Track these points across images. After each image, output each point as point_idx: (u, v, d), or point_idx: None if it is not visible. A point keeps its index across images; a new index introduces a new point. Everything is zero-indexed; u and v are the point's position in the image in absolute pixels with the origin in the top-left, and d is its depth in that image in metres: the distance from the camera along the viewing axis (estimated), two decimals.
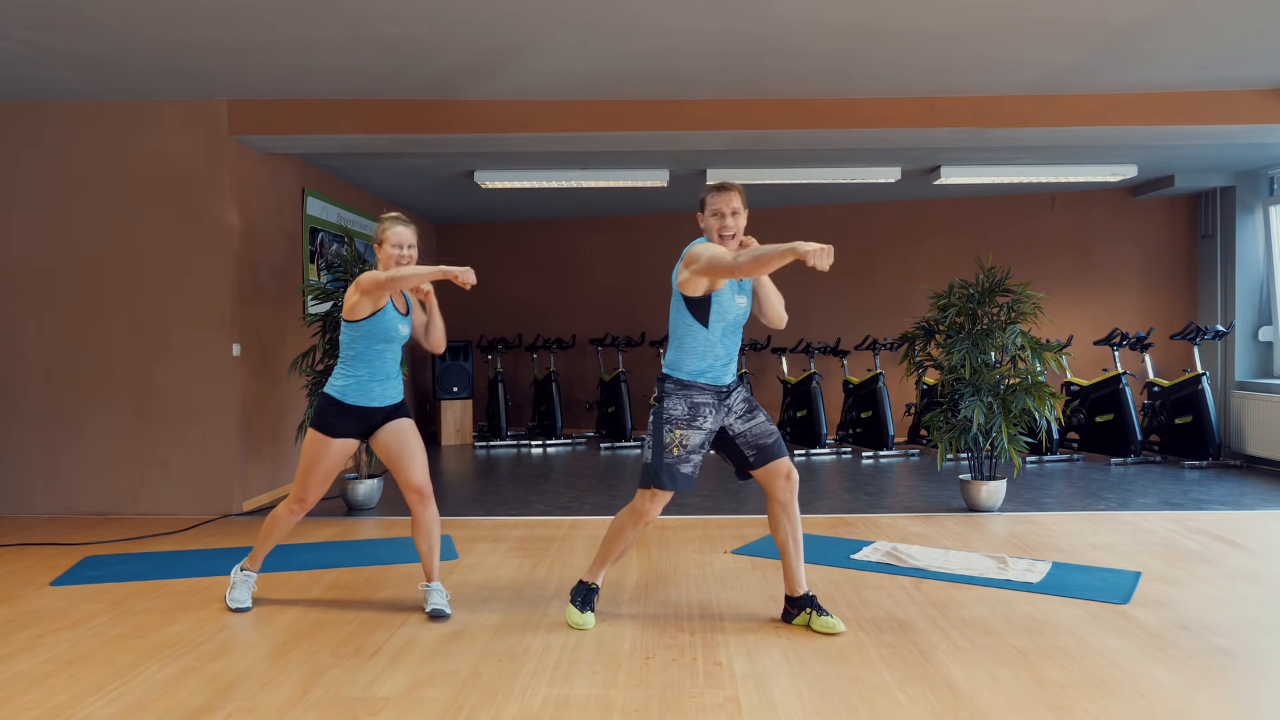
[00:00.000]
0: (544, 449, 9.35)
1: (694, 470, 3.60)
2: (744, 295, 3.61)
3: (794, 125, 6.02)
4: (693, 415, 3.56)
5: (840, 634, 3.59)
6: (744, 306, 3.61)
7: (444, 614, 3.83)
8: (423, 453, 3.93)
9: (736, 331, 3.62)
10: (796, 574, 3.70)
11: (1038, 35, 4.85)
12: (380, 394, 3.86)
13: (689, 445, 3.56)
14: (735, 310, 3.57)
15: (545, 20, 4.58)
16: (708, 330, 3.55)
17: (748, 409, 3.67)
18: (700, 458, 3.62)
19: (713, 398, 3.59)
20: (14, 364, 6.05)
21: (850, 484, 7.14)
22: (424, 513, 3.90)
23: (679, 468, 3.57)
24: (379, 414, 3.88)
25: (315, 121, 5.99)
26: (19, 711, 2.96)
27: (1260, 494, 6.55)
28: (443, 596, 3.90)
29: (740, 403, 3.67)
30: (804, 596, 3.70)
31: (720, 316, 3.54)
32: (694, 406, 3.56)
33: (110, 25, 4.59)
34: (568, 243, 10.52)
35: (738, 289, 3.59)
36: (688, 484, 3.60)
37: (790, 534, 3.68)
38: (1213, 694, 3.02)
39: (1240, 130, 6.08)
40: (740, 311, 3.60)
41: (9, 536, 5.46)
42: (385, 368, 3.87)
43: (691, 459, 3.58)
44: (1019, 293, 6.00)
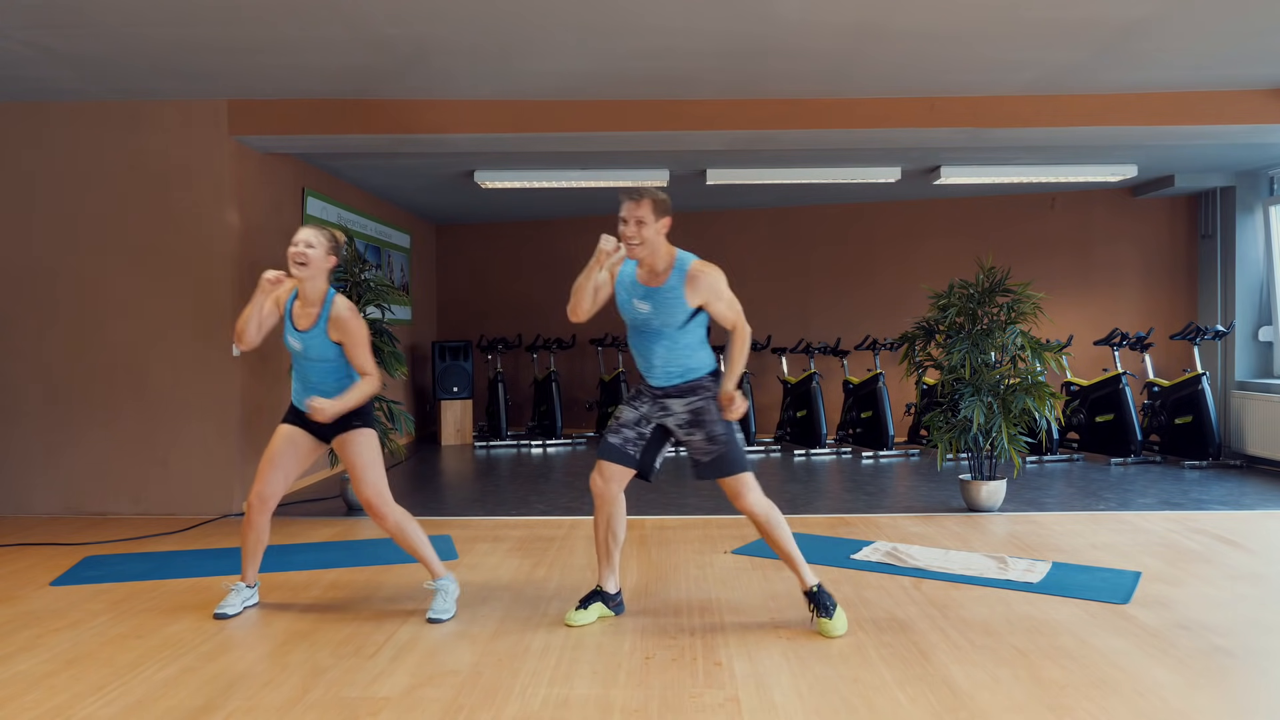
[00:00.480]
0: (544, 449, 9.35)
1: (621, 443, 3.68)
2: (646, 301, 3.58)
3: (794, 125, 6.02)
4: (633, 395, 3.76)
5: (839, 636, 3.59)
6: (644, 313, 3.58)
7: (440, 620, 3.80)
8: (366, 467, 3.80)
9: (641, 334, 3.62)
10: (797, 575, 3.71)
11: (1038, 35, 4.85)
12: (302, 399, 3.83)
13: (620, 418, 3.72)
14: (632, 313, 3.62)
15: (545, 20, 4.58)
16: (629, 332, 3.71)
17: (690, 424, 3.62)
18: (633, 435, 3.68)
19: (648, 392, 3.69)
20: (14, 364, 6.05)
21: (850, 484, 7.14)
22: (383, 525, 3.84)
23: (608, 436, 3.72)
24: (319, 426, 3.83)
25: (315, 121, 5.99)
26: (19, 711, 2.96)
27: (1260, 494, 6.55)
28: (444, 599, 3.86)
29: (685, 413, 3.62)
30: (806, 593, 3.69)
31: (621, 311, 3.69)
32: (636, 391, 3.75)
33: (110, 25, 4.59)
34: (568, 243, 10.50)
35: (638, 294, 3.59)
36: (609, 452, 3.69)
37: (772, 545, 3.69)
38: (1213, 694, 3.02)
39: (1240, 130, 6.08)
40: (640, 316, 3.59)
41: (9, 536, 5.46)
42: (299, 374, 3.83)
43: (622, 431, 3.69)
44: (1019, 293, 6.00)
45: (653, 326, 3.57)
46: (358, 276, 6.27)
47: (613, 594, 3.83)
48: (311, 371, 3.80)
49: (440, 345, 9.77)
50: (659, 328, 3.56)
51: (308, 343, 3.75)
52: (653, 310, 3.56)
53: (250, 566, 3.98)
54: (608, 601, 3.81)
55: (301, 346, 3.76)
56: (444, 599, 3.87)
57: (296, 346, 3.78)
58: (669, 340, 3.57)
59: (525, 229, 10.62)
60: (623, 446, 3.67)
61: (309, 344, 3.75)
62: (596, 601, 3.79)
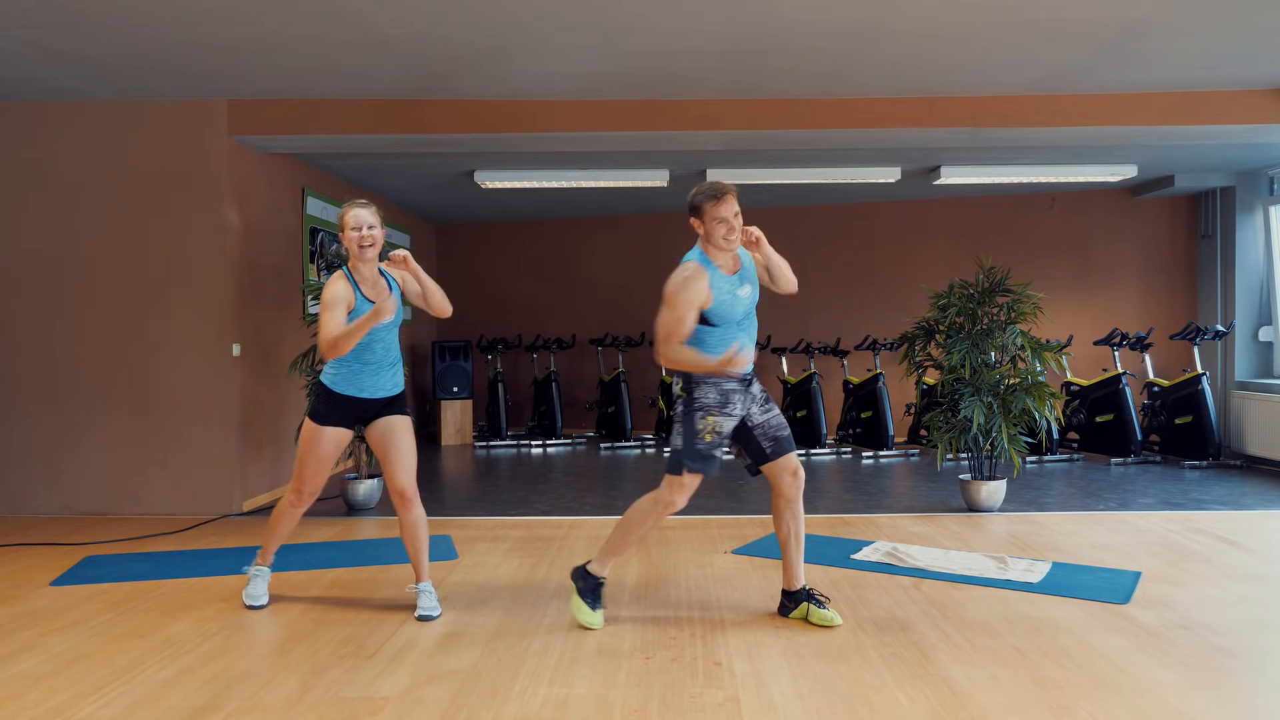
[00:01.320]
0: (544, 449, 9.35)
1: (722, 456, 3.69)
2: (748, 284, 3.66)
3: (794, 125, 6.02)
4: (724, 401, 3.63)
5: (837, 626, 3.65)
6: (749, 296, 3.66)
7: (430, 617, 3.82)
8: (411, 454, 3.88)
9: (749, 320, 3.68)
10: (795, 569, 3.76)
11: (1038, 35, 4.85)
12: (371, 385, 3.82)
13: (723, 432, 3.63)
14: (741, 305, 3.63)
15: (545, 20, 4.58)
16: (719, 329, 3.61)
17: (766, 399, 3.73)
18: (727, 444, 3.69)
19: (739, 385, 3.66)
20: (14, 363, 6.05)
21: (850, 484, 7.14)
22: (405, 514, 3.88)
23: (714, 452, 3.64)
24: (370, 406, 3.84)
25: (315, 121, 5.99)
26: (19, 711, 2.96)
27: (1260, 494, 6.55)
28: (431, 598, 3.89)
29: (760, 391, 3.73)
30: (801, 591, 3.76)
31: (725, 317, 3.58)
32: (724, 394, 3.63)
33: (110, 25, 4.59)
34: (568, 243, 10.52)
35: (738, 282, 3.62)
36: (720, 468, 3.68)
37: (793, 529, 3.74)
38: (1213, 694, 3.02)
39: (1240, 130, 6.08)
40: (747, 304, 3.66)
41: (9, 536, 5.46)
42: (374, 358, 3.80)
43: (725, 444, 3.68)
44: (1019, 293, 6.00)
45: (754, 305, 3.70)
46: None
47: None
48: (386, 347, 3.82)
49: (440, 345, 9.77)
50: (755, 304, 3.70)
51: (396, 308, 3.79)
52: (753, 290, 3.69)
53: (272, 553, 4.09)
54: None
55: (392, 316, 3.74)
56: (430, 598, 3.89)
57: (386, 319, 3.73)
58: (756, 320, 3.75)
59: (525, 229, 10.62)
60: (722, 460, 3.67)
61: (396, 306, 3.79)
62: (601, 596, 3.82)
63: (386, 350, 3.83)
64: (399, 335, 3.94)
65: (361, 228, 3.75)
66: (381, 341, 3.81)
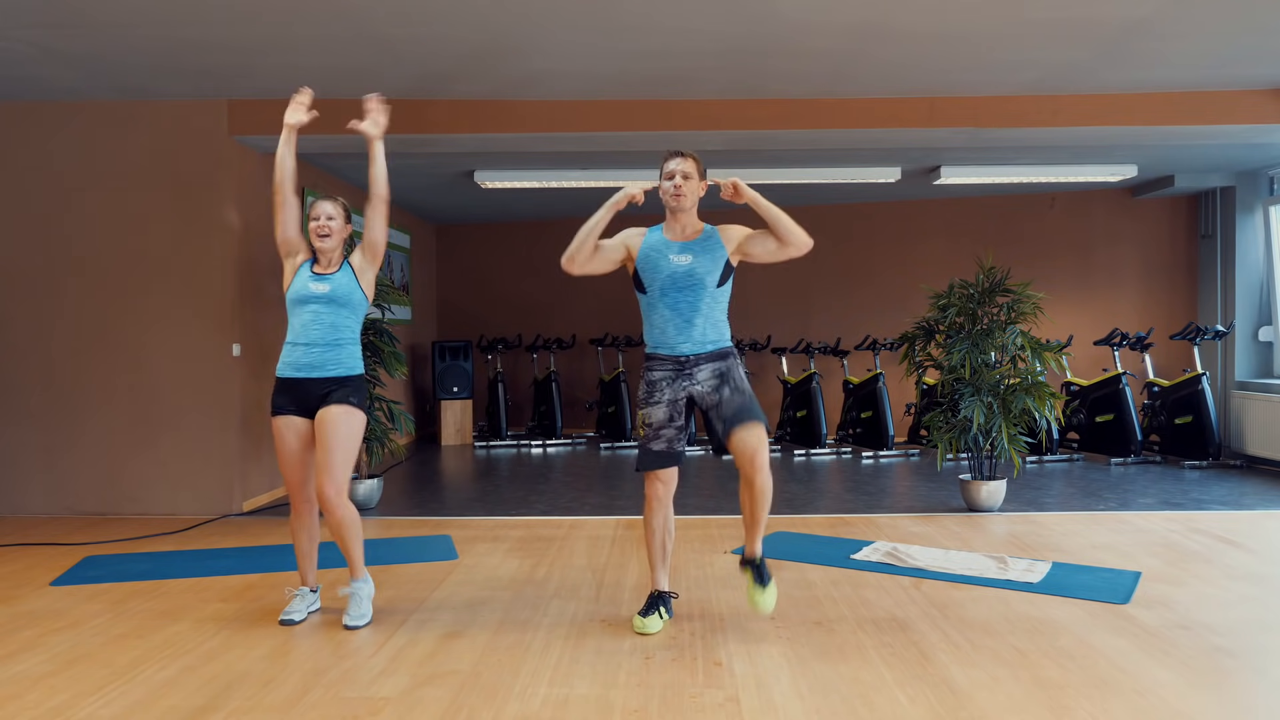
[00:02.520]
0: (544, 449, 9.35)
1: (667, 446, 3.62)
2: (687, 254, 3.59)
3: (794, 125, 6.02)
4: (649, 392, 3.65)
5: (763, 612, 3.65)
6: (684, 265, 3.57)
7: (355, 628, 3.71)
8: (339, 451, 3.69)
9: (680, 292, 3.57)
10: (749, 540, 3.69)
11: (1038, 35, 4.85)
12: (304, 362, 3.74)
13: (653, 423, 3.62)
14: (667, 269, 3.58)
15: (545, 20, 4.58)
16: (646, 295, 3.63)
17: (717, 384, 3.59)
18: (673, 431, 3.61)
19: (670, 368, 3.61)
20: (14, 364, 6.05)
21: (850, 484, 7.14)
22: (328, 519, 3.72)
23: (649, 445, 3.64)
24: (311, 388, 3.74)
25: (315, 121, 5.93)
26: (19, 711, 2.96)
27: (1260, 494, 6.55)
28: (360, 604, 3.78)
29: (711, 377, 3.59)
30: (750, 560, 3.69)
31: (649, 279, 3.60)
32: (650, 384, 3.65)
33: (110, 25, 4.59)
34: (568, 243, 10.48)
35: (679, 249, 3.60)
36: (658, 461, 3.63)
37: (748, 507, 3.63)
38: (1213, 694, 3.02)
39: (1240, 130, 6.08)
40: (679, 270, 3.57)
41: (9, 536, 5.46)
42: (305, 332, 3.75)
43: (661, 434, 3.62)
44: (1019, 293, 6.00)
45: (696, 278, 3.57)
46: None
47: (669, 594, 3.78)
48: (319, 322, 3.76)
49: (440, 345, 9.77)
50: (702, 278, 3.57)
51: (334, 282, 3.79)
52: (695, 260, 3.59)
53: (309, 568, 3.93)
54: (666, 604, 3.73)
55: (329, 288, 3.77)
56: (358, 604, 3.79)
57: (322, 289, 3.77)
58: (710, 300, 3.60)
59: (525, 229, 10.62)
60: (668, 450, 3.63)
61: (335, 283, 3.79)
62: (660, 605, 3.70)
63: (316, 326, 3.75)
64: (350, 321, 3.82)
65: (320, 217, 3.83)
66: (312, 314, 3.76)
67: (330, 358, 3.78)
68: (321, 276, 3.82)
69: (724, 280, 3.64)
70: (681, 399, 3.62)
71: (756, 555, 3.69)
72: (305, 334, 3.78)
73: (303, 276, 3.82)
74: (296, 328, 3.80)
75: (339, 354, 3.80)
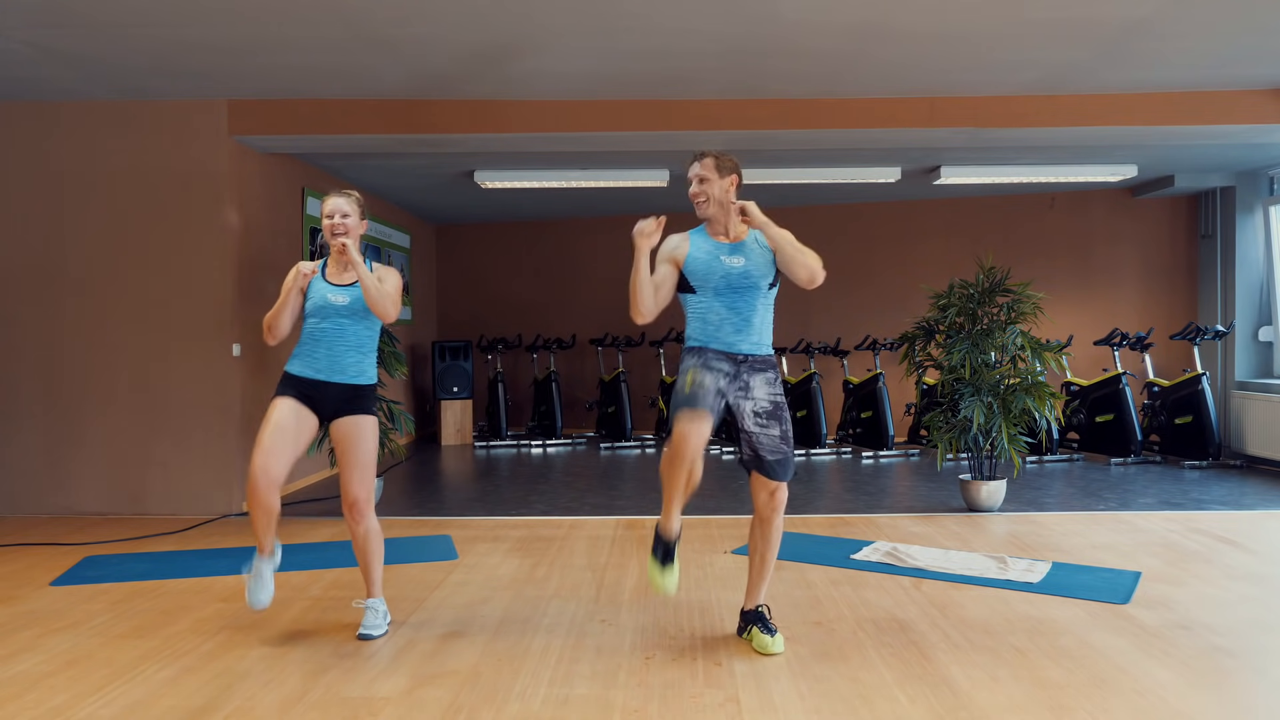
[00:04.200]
0: (544, 449, 9.34)
1: (708, 397, 3.32)
2: (739, 256, 3.47)
3: (794, 125, 6.02)
4: (704, 362, 3.41)
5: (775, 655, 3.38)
6: (739, 267, 3.45)
7: (370, 636, 3.60)
8: (367, 462, 3.64)
9: (733, 294, 3.43)
10: (753, 590, 3.55)
11: (1038, 35, 4.85)
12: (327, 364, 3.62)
13: (702, 382, 3.36)
14: (721, 270, 3.46)
15: (545, 20, 4.58)
16: (697, 295, 3.48)
17: (770, 414, 3.43)
18: (714, 398, 3.35)
19: (727, 364, 3.42)
20: (14, 364, 6.05)
21: (850, 484, 7.14)
22: (355, 527, 3.63)
23: (695, 392, 3.33)
24: (324, 391, 3.62)
25: (315, 121, 5.99)
26: (19, 711, 2.96)
27: (1260, 494, 6.55)
28: (376, 615, 3.66)
29: (767, 401, 3.44)
30: (752, 611, 3.53)
31: (702, 281, 3.46)
32: (705, 357, 3.42)
33: (110, 25, 4.59)
34: (568, 243, 10.52)
35: (729, 250, 3.48)
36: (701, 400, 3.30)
37: (759, 550, 3.51)
38: (1213, 694, 3.02)
39: (1240, 130, 6.08)
40: (731, 274, 3.45)
41: (9, 536, 5.46)
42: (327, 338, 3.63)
43: (706, 392, 3.33)
44: (1019, 293, 6.00)
45: (751, 280, 3.45)
46: None
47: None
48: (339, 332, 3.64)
49: (440, 345, 9.77)
50: (756, 280, 3.45)
51: (355, 293, 3.63)
52: (747, 261, 3.46)
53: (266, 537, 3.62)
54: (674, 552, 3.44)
55: (347, 300, 3.63)
56: (374, 615, 3.67)
57: (340, 300, 3.62)
58: (764, 301, 3.49)
59: (525, 229, 10.62)
60: (709, 399, 3.32)
61: (357, 294, 3.63)
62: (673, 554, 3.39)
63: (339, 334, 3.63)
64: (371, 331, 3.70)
65: (334, 215, 3.64)
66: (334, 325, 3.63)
67: (352, 364, 3.66)
68: (340, 287, 3.66)
69: (775, 283, 3.50)
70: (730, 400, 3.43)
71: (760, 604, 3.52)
72: (329, 340, 3.64)
73: (319, 288, 3.66)
74: (317, 334, 3.65)
75: (361, 362, 3.68)
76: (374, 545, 3.68)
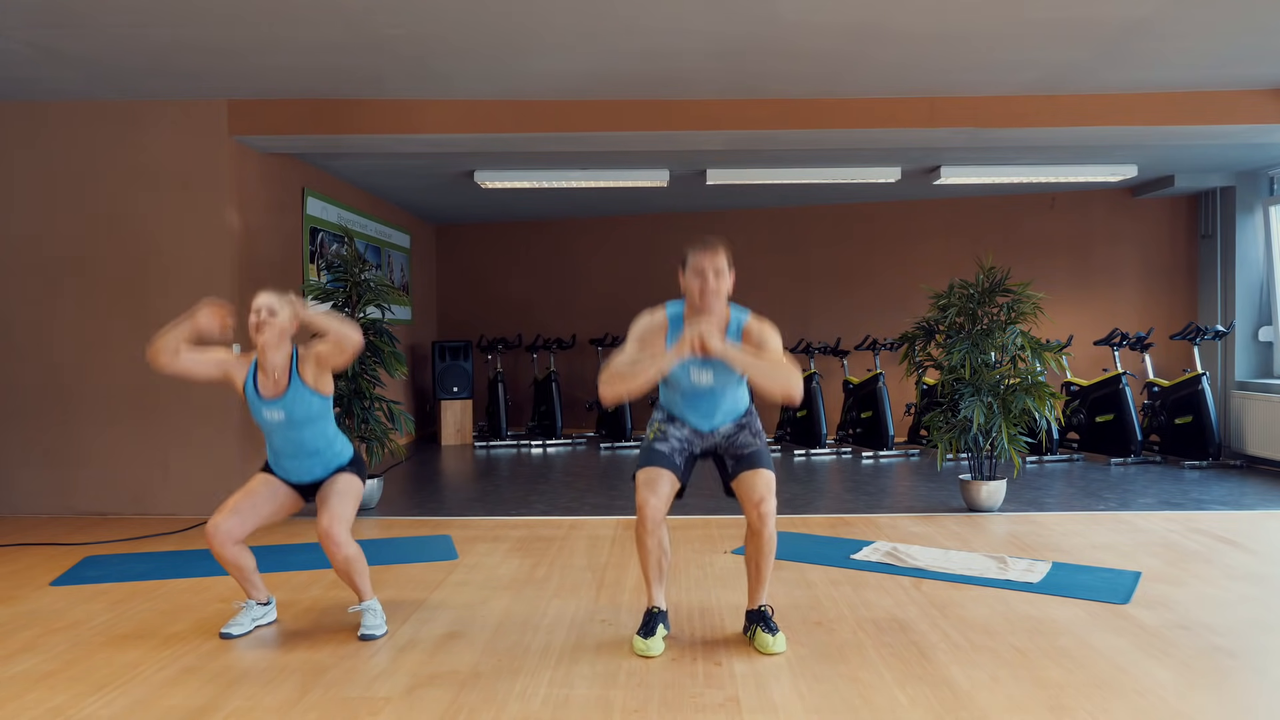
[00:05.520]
0: (544, 449, 9.35)
1: (669, 453, 3.48)
2: (706, 370, 3.41)
3: (794, 125, 6.02)
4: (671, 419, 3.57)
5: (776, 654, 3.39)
6: (705, 385, 3.43)
7: (373, 636, 3.61)
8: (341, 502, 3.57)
9: (701, 398, 3.47)
10: (753, 592, 3.55)
11: (1038, 35, 4.85)
12: (294, 471, 3.65)
13: (666, 433, 3.52)
14: (687, 383, 3.44)
15: (545, 20, 4.58)
16: (667, 388, 3.55)
17: (734, 432, 3.55)
18: (679, 445, 3.51)
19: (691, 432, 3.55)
20: (14, 364, 6.05)
21: (850, 484, 7.14)
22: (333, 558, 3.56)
23: (655, 445, 3.51)
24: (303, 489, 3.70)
25: (315, 121, 5.98)
26: (19, 711, 2.96)
27: (1260, 494, 6.55)
28: (375, 616, 3.66)
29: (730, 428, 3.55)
30: (755, 610, 3.53)
31: (674, 386, 3.49)
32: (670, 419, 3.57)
33: (110, 25, 4.59)
34: (568, 243, 10.52)
35: (696, 364, 3.39)
36: (660, 459, 3.45)
37: (753, 558, 3.50)
38: (1213, 694, 3.02)
39: (1240, 130, 6.08)
40: (701, 387, 3.44)
41: (9, 536, 5.46)
42: (284, 448, 3.60)
43: (669, 439, 3.51)
44: (1019, 293, 6.00)
45: (716, 392, 3.45)
46: (357, 277, 6.28)
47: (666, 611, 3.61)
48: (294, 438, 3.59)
49: (440, 345, 9.77)
50: (721, 389, 3.45)
51: (289, 406, 3.54)
52: (715, 377, 3.42)
53: (250, 587, 3.72)
54: (665, 621, 3.55)
55: (284, 415, 3.54)
56: (374, 616, 3.66)
57: (277, 417, 3.55)
58: (731, 394, 3.49)
59: (525, 229, 10.62)
60: (672, 458, 3.47)
61: (291, 406, 3.54)
62: (659, 624, 3.50)
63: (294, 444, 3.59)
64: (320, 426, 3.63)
65: (260, 311, 3.53)
66: (281, 437, 3.59)
67: (317, 464, 3.65)
68: (272, 402, 3.55)
69: None
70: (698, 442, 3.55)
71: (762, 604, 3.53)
72: (287, 450, 3.61)
73: (254, 403, 3.58)
74: (273, 443, 3.63)
75: (326, 454, 3.65)
76: (355, 568, 3.61)
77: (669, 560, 3.57)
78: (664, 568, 3.55)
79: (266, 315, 3.54)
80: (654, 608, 3.53)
